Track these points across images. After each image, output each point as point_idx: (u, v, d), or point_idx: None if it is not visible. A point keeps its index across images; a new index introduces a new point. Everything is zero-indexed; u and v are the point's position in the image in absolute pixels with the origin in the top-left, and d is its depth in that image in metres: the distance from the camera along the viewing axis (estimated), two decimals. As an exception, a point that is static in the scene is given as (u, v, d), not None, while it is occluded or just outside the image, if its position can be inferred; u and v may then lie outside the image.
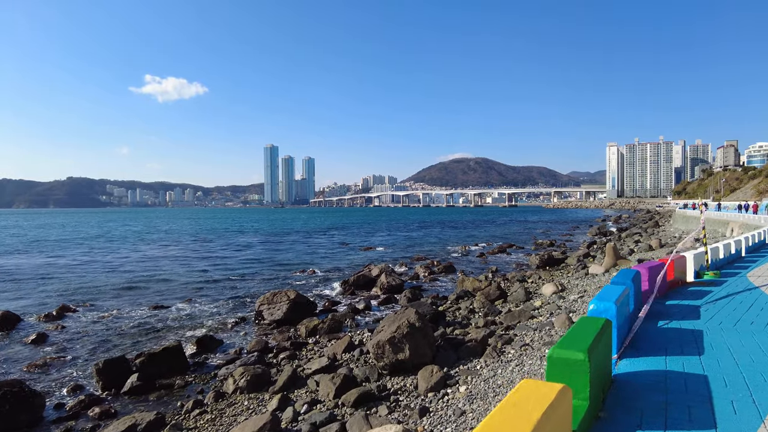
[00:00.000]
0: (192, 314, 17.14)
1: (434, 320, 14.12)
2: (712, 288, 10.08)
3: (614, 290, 5.48)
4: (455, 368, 9.76)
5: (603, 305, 4.98)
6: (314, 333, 13.91)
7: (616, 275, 6.75)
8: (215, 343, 13.28)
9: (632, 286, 6.52)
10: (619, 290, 5.46)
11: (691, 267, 10.93)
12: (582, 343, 3.22)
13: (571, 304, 14.90)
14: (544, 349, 9.81)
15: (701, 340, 5.93)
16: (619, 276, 6.66)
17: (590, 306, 5.05)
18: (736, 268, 12.66)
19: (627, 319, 5.73)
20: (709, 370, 4.70)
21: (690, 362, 4.93)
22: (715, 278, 11.03)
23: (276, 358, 12.01)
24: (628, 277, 6.57)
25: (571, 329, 3.59)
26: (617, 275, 6.78)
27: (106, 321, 16.25)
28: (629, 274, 6.70)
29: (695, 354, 5.23)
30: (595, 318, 3.85)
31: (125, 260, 34.70)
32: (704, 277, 11.14)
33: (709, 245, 12.59)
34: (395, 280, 21.11)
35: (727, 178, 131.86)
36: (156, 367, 10.93)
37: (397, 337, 9.87)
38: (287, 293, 16.22)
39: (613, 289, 5.56)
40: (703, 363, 4.86)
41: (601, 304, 5.00)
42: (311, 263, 31.81)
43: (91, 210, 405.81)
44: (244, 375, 9.91)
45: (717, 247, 13.01)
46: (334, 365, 10.88)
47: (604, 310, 4.93)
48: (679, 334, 6.24)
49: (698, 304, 8.34)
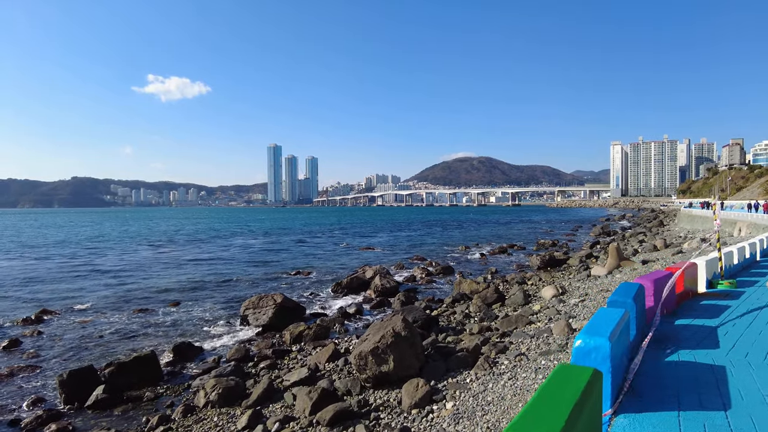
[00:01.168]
0: (176, 319, 16.46)
1: (426, 326, 13.37)
2: (728, 302, 8.63)
3: (610, 317, 4.32)
4: (443, 381, 9.01)
5: (593, 342, 3.80)
6: (299, 340, 13.17)
7: (614, 292, 5.67)
8: (194, 351, 12.58)
9: (633, 307, 5.44)
10: (616, 316, 4.30)
11: (703, 276, 9.67)
12: (553, 420, 2.00)
13: (571, 308, 14.13)
14: (540, 360, 9.07)
15: (725, 383, 4.58)
16: (619, 293, 5.54)
17: (576, 342, 3.94)
18: (752, 275, 11.39)
19: (625, 354, 4.70)
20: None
21: (713, 421, 3.67)
22: (731, 288, 9.71)
23: (255, 368, 11.30)
24: (628, 294, 5.44)
25: (544, 388, 2.41)
26: (616, 292, 5.63)
27: (86, 326, 15.59)
28: (630, 290, 5.56)
29: (719, 406, 3.94)
30: (579, 370, 2.71)
31: (116, 262, 34.10)
32: (718, 287, 9.81)
33: (722, 249, 11.22)
34: (389, 283, 20.36)
35: (733, 177, 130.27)
36: (125, 378, 10.25)
37: (380, 347, 9.13)
38: (274, 297, 15.50)
39: (609, 315, 4.39)
40: (731, 423, 3.62)
41: (590, 341, 3.82)
42: (307, 264, 31.11)
43: (94, 210, 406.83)
44: (216, 387, 9.19)
45: (731, 252, 11.64)
46: (316, 376, 10.15)
47: (594, 350, 3.77)
48: (694, 372, 4.91)
49: (714, 325, 6.97)
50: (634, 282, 6.11)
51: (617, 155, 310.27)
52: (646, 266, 19.36)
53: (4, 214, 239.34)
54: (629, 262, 20.40)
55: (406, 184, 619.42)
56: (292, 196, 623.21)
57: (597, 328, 4.02)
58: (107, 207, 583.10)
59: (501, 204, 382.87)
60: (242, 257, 36.08)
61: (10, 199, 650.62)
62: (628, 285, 5.84)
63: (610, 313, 4.40)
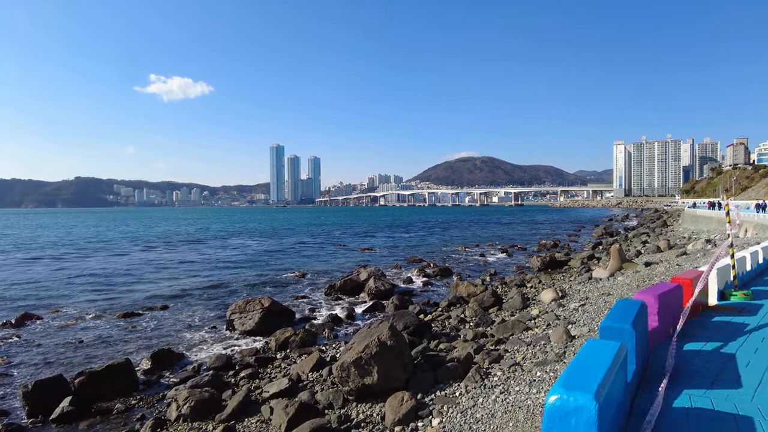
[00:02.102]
0: (161, 324, 15.89)
1: (418, 332, 12.75)
2: (745, 318, 7.39)
3: (600, 357, 3.21)
4: (431, 394, 8.40)
5: (573, 401, 2.71)
6: (285, 347, 12.57)
7: (608, 315, 4.54)
8: (174, 358, 12.00)
9: (633, 336, 4.25)
10: (609, 356, 3.18)
11: (714, 286, 8.54)
12: None
13: (570, 313, 13.50)
14: (535, 371, 8.45)
15: None
16: (614, 316, 4.39)
17: (549, 399, 2.84)
18: (767, 284, 10.36)
19: (622, 406, 3.56)
20: None
21: None
22: (746, 301, 8.53)
23: (236, 377, 10.71)
24: (626, 317, 4.30)
25: None
26: (610, 315, 4.49)
27: (67, 331, 15.04)
28: (629, 312, 4.42)
29: None
30: None
31: (107, 264, 33.55)
32: (731, 299, 8.66)
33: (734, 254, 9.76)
34: (384, 285, 19.75)
35: (738, 177, 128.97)
36: (96, 389, 9.69)
37: (364, 358, 8.52)
38: (261, 301, 14.91)
39: (599, 354, 3.28)
40: None
41: (570, 400, 2.73)
42: (303, 266, 30.51)
43: (96, 210, 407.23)
44: (189, 400, 8.61)
45: (743, 257, 10.34)
46: (298, 387, 9.55)
47: (575, 413, 2.69)
48: (712, 428, 3.67)
49: (732, 351, 5.70)
50: (634, 300, 5.03)
51: (620, 155, 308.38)
52: (649, 268, 18.69)
53: (6, 214, 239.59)
54: (632, 264, 19.73)
55: (408, 184, 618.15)
56: (294, 196, 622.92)
57: (580, 376, 2.95)
58: (110, 207, 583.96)
59: (504, 204, 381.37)
60: (237, 259, 35.49)
61: (15, 199, 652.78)
62: (625, 304, 4.75)
63: (600, 351, 3.34)
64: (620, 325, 4.29)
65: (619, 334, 4.28)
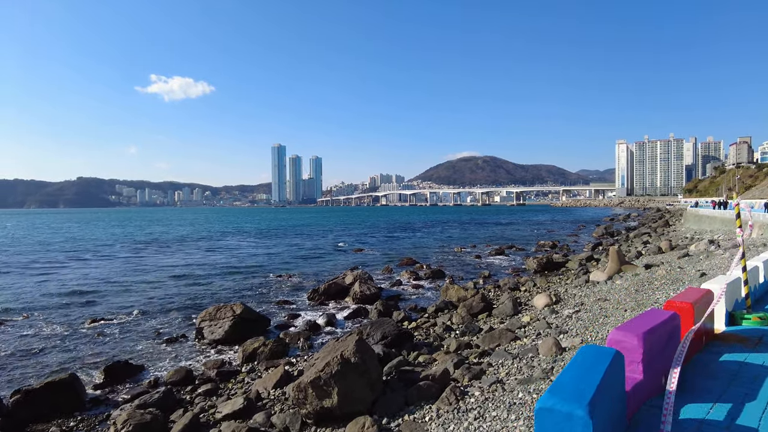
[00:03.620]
0: (129, 330, 14.95)
1: (397, 343, 11.79)
2: (763, 354, 5.46)
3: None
4: (398, 419, 7.43)
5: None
6: (253, 358, 11.62)
7: (555, 383, 2.81)
8: (131, 371, 11.05)
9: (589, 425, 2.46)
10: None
11: (722, 308, 6.57)
12: None
13: (563, 321, 12.54)
14: (517, 390, 7.48)
15: None
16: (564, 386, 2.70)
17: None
18: None
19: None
20: None
21: None
22: (763, 327, 6.55)
23: (192, 394, 9.76)
24: (583, 389, 2.60)
25: None
26: (557, 385, 2.75)
27: (26, 339, 14.10)
28: (592, 374, 2.77)
29: None
30: None
31: (94, 265, 32.66)
32: (744, 324, 6.64)
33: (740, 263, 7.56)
34: (370, 289, 18.77)
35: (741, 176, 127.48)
36: (33, 408, 8.75)
37: (323, 378, 7.56)
38: (233, 307, 13.96)
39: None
40: None
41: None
42: (292, 268, 29.55)
43: (97, 210, 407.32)
44: (128, 423, 7.67)
45: (756, 268, 8.21)
46: (255, 407, 8.60)
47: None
48: None
49: (757, 417, 3.85)
50: (604, 348, 3.26)
51: (623, 154, 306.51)
52: (648, 271, 17.67)
53: (9, 215, 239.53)
54: (631, 267, 18.72)
55: (410, 184, 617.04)
56: (296, 196, 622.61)
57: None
58: (112, 207, 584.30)
59: (505, 203, 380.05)
60: (224, 261, 34.41)
61: (17, 200, 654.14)
62: (590, 358, 3.05)
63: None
64: (568, 409, 2.51)
65: (563, 426, 2.53)
